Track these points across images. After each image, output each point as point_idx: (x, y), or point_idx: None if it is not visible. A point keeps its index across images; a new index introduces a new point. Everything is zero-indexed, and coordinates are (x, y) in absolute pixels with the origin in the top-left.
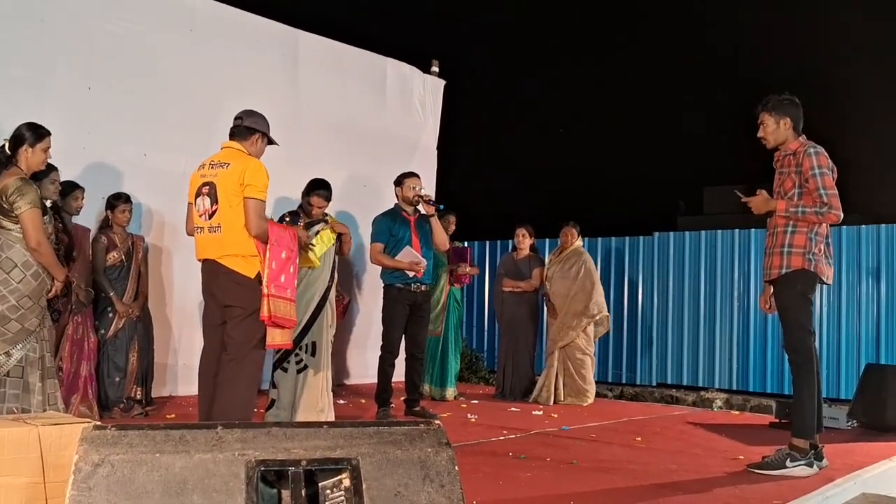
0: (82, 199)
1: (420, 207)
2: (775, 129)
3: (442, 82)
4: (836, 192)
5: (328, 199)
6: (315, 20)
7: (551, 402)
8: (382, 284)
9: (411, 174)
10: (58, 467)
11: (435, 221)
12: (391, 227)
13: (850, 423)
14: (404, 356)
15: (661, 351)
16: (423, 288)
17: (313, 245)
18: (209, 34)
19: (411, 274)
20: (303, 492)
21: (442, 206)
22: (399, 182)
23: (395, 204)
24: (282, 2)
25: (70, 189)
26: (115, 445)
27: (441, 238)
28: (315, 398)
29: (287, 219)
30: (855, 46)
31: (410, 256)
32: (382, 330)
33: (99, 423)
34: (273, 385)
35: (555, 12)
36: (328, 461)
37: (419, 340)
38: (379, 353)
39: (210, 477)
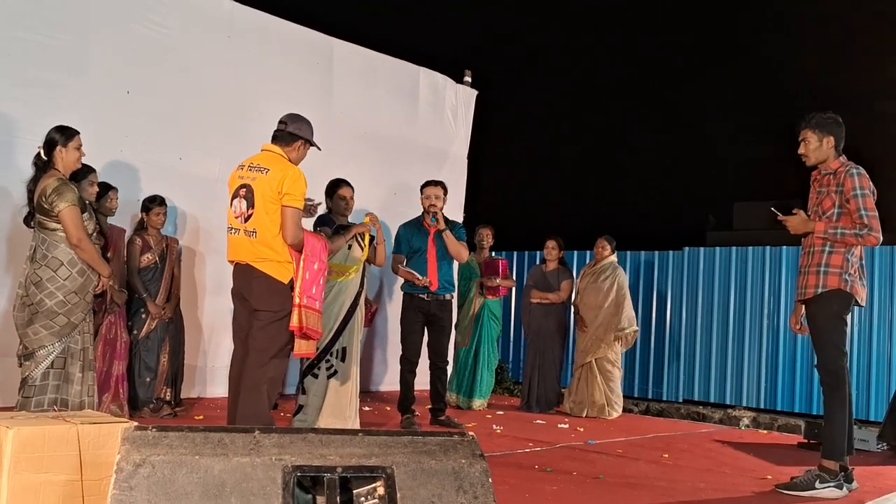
0: (116, 199)
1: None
2: (818, 146)
3: (474, 92)
4: (877, 214)
5: (352, 189)
6: (350, 29)
7: (583, 414)
8: (399, 294)
9: (430, 183)
10: (95, 465)
11: (447, 235)
12: (410, 239)
13: (879, 446)
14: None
15: (689, 367)
16: (437, 298)
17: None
18: (246, 41)
19: (421, 284)
20: (338, 498)
21: (458, 228)
22: (421, 190)
23: (422, 212)
24: (318, 10)
25: (104, 190)
26: (155, 446)
27: (455, 250)
28: (344, 404)
29: (321, 228)
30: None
31: (405, 273)
32: (400, 337)
33: (140, 423)
34: (302, 391)
35: (590, 25)
36: (363, 469)
37: (439, 349)
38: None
39: (248, 480)
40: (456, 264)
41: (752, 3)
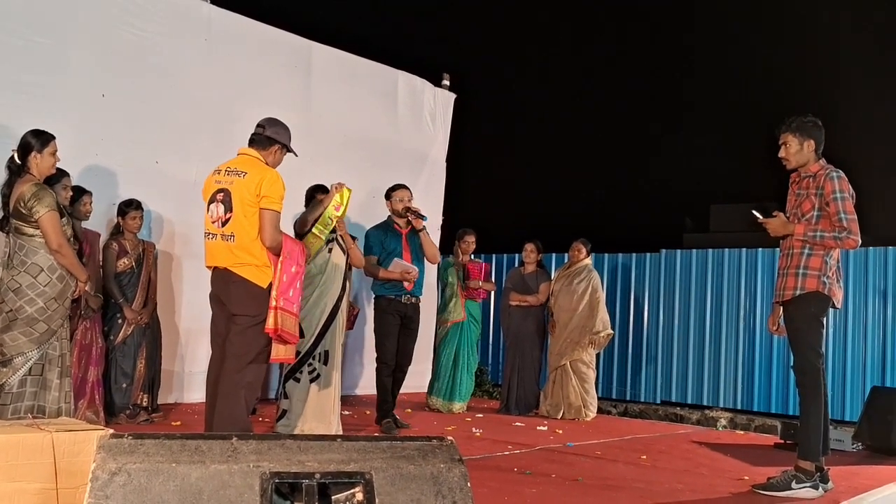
0: (90, 203)
1: (410, 220)
2: (798, 150)
3: (452, 96)
4: (856, 217)
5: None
6: (328, 32)
7: (558, 416)
8: (373, 296)
9: (399, 186)
10: (70, 474)
11: (424, 235)
12: (383, 240)
13: (855, 446)
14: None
15: (666, 368)
16: (413, 300)
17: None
18: (224, 44)
19: (406, 285)
20: None
21: (426, 219)
22: (388, 195)
23: (388, 216)
24: (296, 13)
25: (78, 194)
26: (131, 454)
27: (431, 251)
28: (327, 408)
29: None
30: (861, 68)
31: (401, 267)
32: (375, 341)
33: (115, 431)
34: (284, 395)
35: (567, 30)
36: (342, 475)
37: (407, 352)
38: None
39: (225, 488)
40: (428, 266)
41: (729, 7)
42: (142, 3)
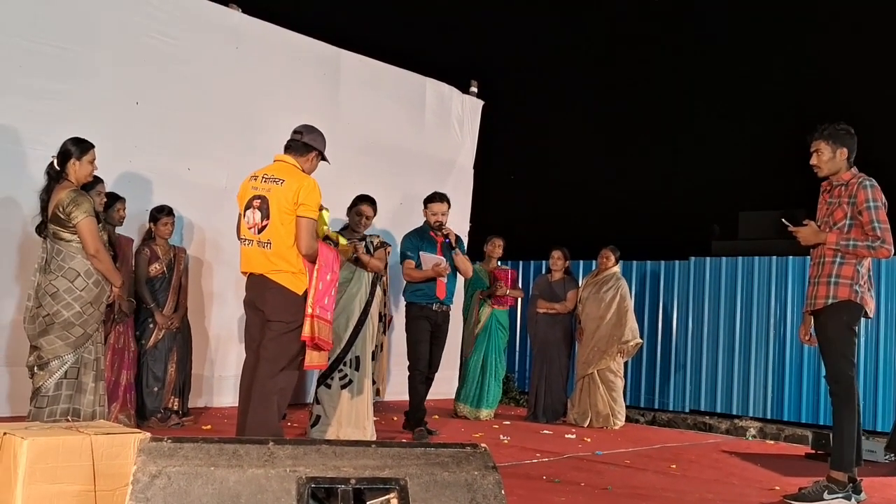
0: (124, 209)
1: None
2: (831, 157)
3: (480, 103)
4: (889, 227)
5: (374, 209)
6: (357, 40)
7: (585, 424)
8: (404, 303)
9: (435, 198)
10: (108, 476)
11: (456, 255)
12: (419, 246)
13: (888, 457)
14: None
15: (695, 377)
16: (443, 308)
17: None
18: (254, 52)
19: (438, 281)
20: None
21: (454, 251)
22: (425, 204)
23: (424, 222)
24: (325, 21)
25: (112, 200)
26: (171, 458)
27: (462, 268)
28: (362, 413)
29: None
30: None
31: (431, 261)
32: (408, 348)
33: (154, 434)
34: (317, 401)
35: (597, 38)
36: (377, 480)
37: (434, 360)
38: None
39: (262, 492)
40: (460, 277)
41: (758, 11)
42: (173, 11)
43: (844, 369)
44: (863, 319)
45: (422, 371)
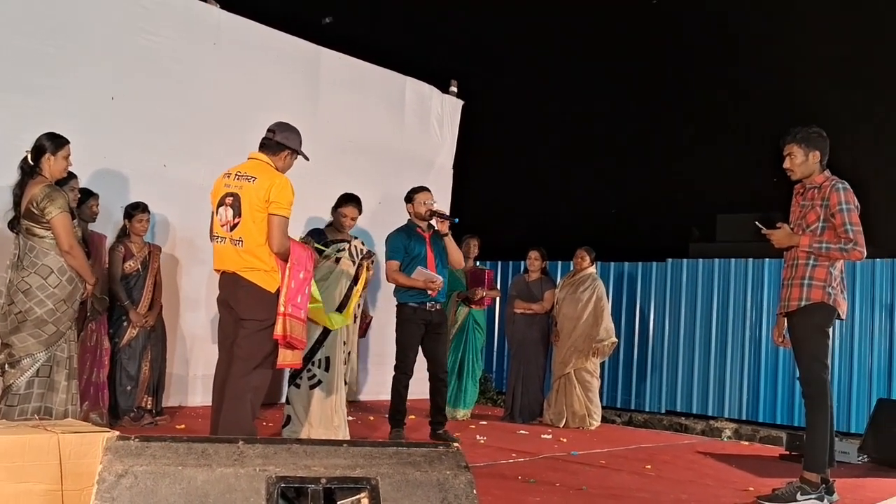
0: (97, 206)
1: (434, 223)
2: (804, 161)
3: (460, 102)
4: (861, 229)
5: (359, 210)
6: (337, 38)
7: (562, 425)
8: (396, 303)
9: (421, 189)
10: (76, 475)
11: (449, 240)
12: (406, 245)
13: (860, 458)
14: (427, 377)
15: (671, 378)
16: (438, 307)
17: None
18: (233, 49)
19: (430, 292)
20: None
21: (456, 220)
22: (409, 198)
23: (409, 220)
24: (305, 19)
25: (85, 196)
26: (138, 457)
27: (456, 257)
28: (329, 414)
29: (309, 238)
30: (869, 79)
31: (424, 276)
32: (396, 350)
33: (122, 433)
34: (288, 401)
35: (574, 37)
36: (347, 480)
37: (440, 359)
38: (392, 372)
39: (231, 491)
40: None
41: (733, 17)
42: (152, 7)
43: (817, 371)
44: (837, 321)
45: (406, 374)
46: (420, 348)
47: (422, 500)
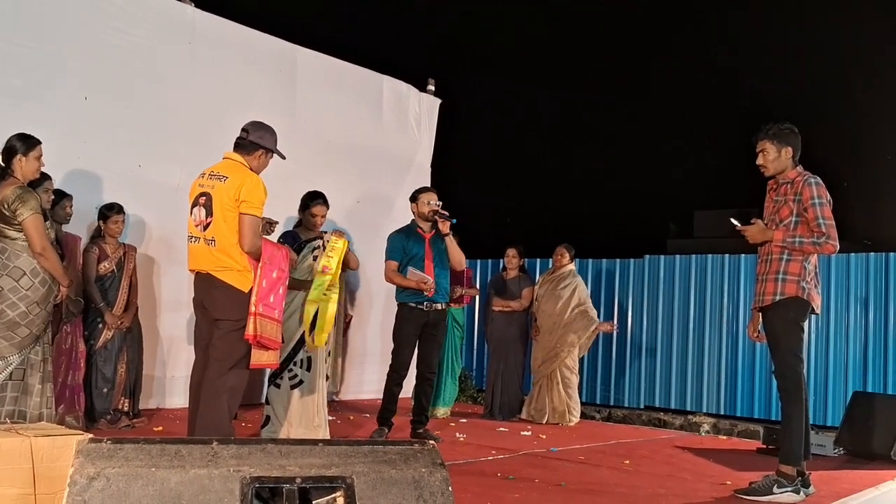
0: (71, 207)
1: (438, 223)
2: (776, 157)
3: (437, 101)
4: (834, 223)
5: (327, 205)
6: (314, 37)
7: (542, 421)
8: (396, 303)
9: (426, 189)
10: (49, 479)
11: (450, 240)
12: (405, 245)
13: (836, 451)
14: (414, 375)
15: (650, 374)
16: (438, 307)
17: (330, 257)
18: (208, 48)
19: (424, 292)
20: None
21: (454, 221)
22: (414, 198)
23: (412, 220)
24: (281, 18)
25: (59, 197)
26: (110, 459)
27: (457, 258)
28: (311, 414)
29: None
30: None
31: (416, 276)
32: (393, 348)
33: (94, 435)
34: (267, 401)
35: (551, 35)
36: (323, 479)
37: (429, 360)
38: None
39: (205, 492)
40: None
41: (709, 14)
42: (126, 6)
43: (792, 365)
44: (812, 316)
45: (399, 374)
46: None
47: (397, 498)
